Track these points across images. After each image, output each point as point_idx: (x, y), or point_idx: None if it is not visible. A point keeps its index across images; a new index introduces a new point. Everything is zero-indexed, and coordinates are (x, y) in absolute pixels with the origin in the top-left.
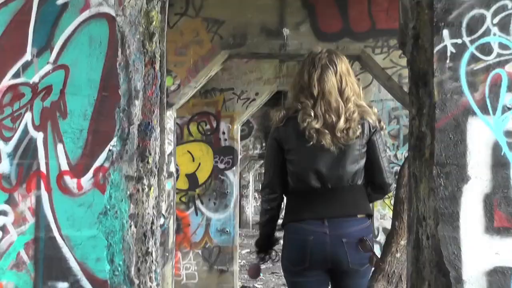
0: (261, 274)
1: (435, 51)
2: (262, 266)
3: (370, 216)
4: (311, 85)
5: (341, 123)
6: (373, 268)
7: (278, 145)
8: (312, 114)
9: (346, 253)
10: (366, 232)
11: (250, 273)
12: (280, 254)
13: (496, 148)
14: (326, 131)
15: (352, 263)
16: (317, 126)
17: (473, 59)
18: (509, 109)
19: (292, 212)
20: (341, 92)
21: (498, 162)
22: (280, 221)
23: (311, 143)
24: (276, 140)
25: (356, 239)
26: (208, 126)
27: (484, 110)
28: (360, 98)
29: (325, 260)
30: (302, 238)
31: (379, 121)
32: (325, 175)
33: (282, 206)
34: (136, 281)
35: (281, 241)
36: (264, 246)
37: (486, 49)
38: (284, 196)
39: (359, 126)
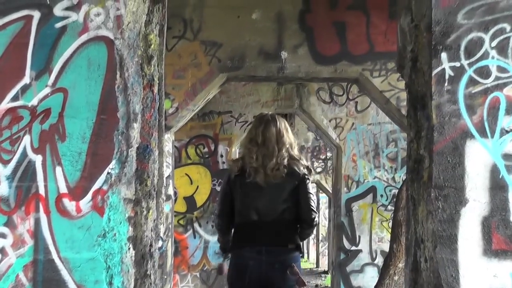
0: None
1: (433, 74)
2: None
3: (298, 246)
4: (257, 136)
5: (272, 163)
6: None
7: (229, 190)
8: (254, 156)
9: (278, 277)
10: (295, 260)
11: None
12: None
13: (494, 171)
14: (261, 170)
15: (283, 285)
16: (255, 165)
17: (471, 82)
18: (507, 132)
19: (237, 241)
20: (278, 141)
21: (496, 185)
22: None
23: (250, 180)
24: (229, 186)
25: (286, 265)
26: (206, 149)
27: (482, 133)
28: (293, 148)
29: (261, 282)
30: (243, 263)
31: (307, 167)
32: (261, 211)
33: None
34: None
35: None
36: (225, 249)
37: (484, 72)
38: (230, 224)
39: (285, 171)
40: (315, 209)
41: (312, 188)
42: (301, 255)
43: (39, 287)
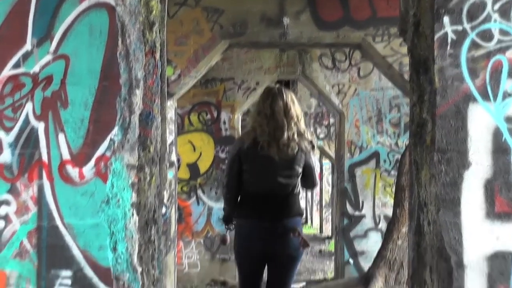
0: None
1: (435, 38)
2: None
3: (300, 214)
4: (265, 108)
5: (284, 138)
6: (302, 253)
7: (238, 158)
8: (266, 130)
9: (283, 241)
10: (297, 224)
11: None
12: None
13: (497, 134)
14: (274, 143)
15: (287, 248)
16: (267, 138)
17: (474, 45)
18: (510, 95)
19: (243, 210)
20: (286, 114)
21: (499, 148)
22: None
23: (262, 153)
24: (237, 155)
25: (289, 229)
26: (208, 116)
27: (485, 97)
28: (300, 121)
29: (266, 248)
30: (248, 231)
31: (311, 143)
32: (271, 184)
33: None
34: (139, 269)
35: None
36: (228, 220)
37: (487, 36)
38: (238, 194)
39: (296, 148)
40: (317, 179)
41: (314, 157)
42: (302, 218)
43: (43, 254)
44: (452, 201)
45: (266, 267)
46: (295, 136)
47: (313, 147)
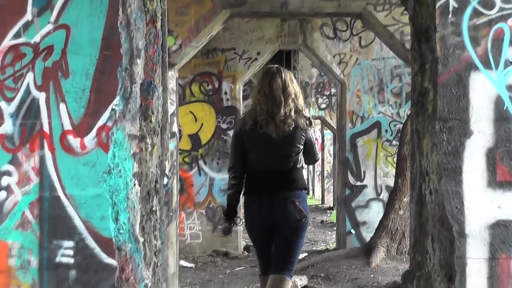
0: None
1: (437, 6)
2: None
3: (304, 188)
4: (264, 87)
5: (280, 114)
6: (307, 224)
7: (240, 139)
8: (264, 108)
9: (286, 213)
10: (297, 197)
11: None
12: (242, 220)
13: (499, 102)
14: (271, 121)
15: (289, 219)
16: (265, 116)
17: (476, 13)
18: (511, 63)
19: (250, 187)
20: (283, 91)
21: (500, 116)
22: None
23: (262, 131)
24: (238, 135)
25: (290, 200)
26: (210, 86)
27: (487, 65)
28: (298, 98)
29: (272, 220)
30: (255, 206)
31: (309, 119)
32: (273, 161)
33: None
34: (141, 239)
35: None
36: (230, 215)
37: (488, 3)
38: (243, 175)
39: (293, 124)
40: (318, 155)
41: (313, 133)
42: (306, 192)
43: (45, 224)
44: (454, 170)
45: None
46: (292, 112)
47: (310, 123)
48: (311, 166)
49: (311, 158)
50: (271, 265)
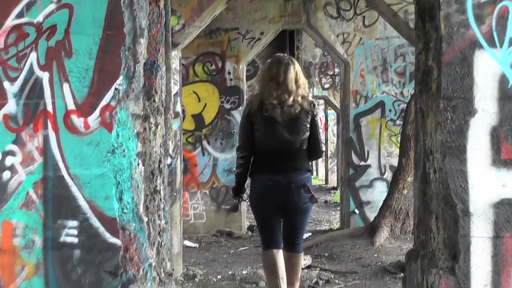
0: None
1: None
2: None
3: (309, 171)
4: (278, 76)
5: (290, 101)
6: (313, 206)
7: (249, 119)
8: (274, 94)
9: (294, 194)
10: (307, 180)
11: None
12: (248, 197)
13: (503, 81)
14: (278, 106)
15: (298, 201)
16: (274, 102)
17: None
18: None
19: (258, 166)
20: (296, 81)
21: (505, 95)
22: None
23: (267, 114)
24: (248, 115)
25: (300, 185)
26: (213, 67)
27: (491, 43)
28: (305, 88)
29: (279, 199)
30: (263, 185)
31: (312, 103)
32: (280, 142)
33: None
34: (145, 219)
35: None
36: (238, 192)
37: None
38: (251, 154)
39: (299, 108)
40: (322, 145)
41: (318, 118)
42: (311, 175)
43: (49, 204)
44: (458, 149)
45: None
46: (299, 98)
47: (314, 105)
48: None
49: (313, 145)
50: (273, 240)
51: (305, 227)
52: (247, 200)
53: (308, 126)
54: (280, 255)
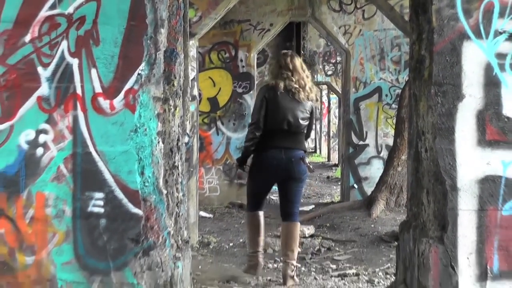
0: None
1: None
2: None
3: (305, 151)
4: (288, 64)
5: (307, 86)
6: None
7: (266, 101)
8: (293, 79)
9: (294, 167)
10: (304, 155)
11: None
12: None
13: (489, 69)
14: (300, 89)
15: (297, 172)
16: (296, 85)
17: None
18: (500, 33)
19: (264, 143)
20: (303, 69)
21: (490, 81)
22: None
23: (289, 96)
24: (265, 97)
25: (298, 158)
26: (227, 55)
27: (478, 35)
28: (310, 79)
29: (281, 171)
30: (268, 160)
31: (316, 95)
32: (290, 123)
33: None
34: (164, 191)
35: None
36: (243, 162)
37: None
38: (262, 131)
39: (312, 97)
40: (311, 134)
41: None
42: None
43: (78, 178)
44: (447, 130)
45: (276, 187)
46: (312, 88)
47: (317, 100)
48: (318, 127)
49: (309, 132)
50: (260, 205)
51: (300, 199)
52: (246, 170)
53: (309, 113)
54: (262, 217)
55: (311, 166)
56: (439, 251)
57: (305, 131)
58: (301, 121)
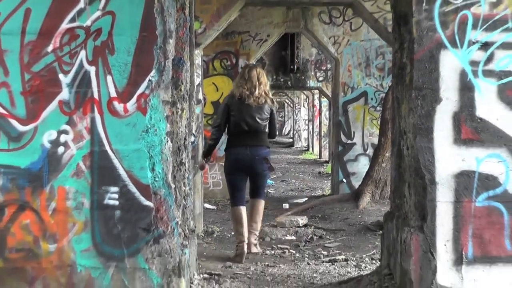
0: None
1: None
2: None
3: (268, 147)
4: (244, 75)
5: (256, 93)
6: (270, 173)
7: (228, 107)
8: (245, 87)
9: (257, 164)
10: (267, 154)
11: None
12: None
13: (463, 75)
14: (251, 95)
15: (260, 169)
16: (247, 92)
17: (445, 2)
18: (474, 43)
19: (231, 142)
20: (258, 79)
21: (464, 86)
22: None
23: (245, 102)
24: (227, 104)
25: (262, 157)
26: (229, 62)
27: (454, 44)
28: (266, 86)
29: (247, 167)
30: (235, 156)
31: (272, 99)
32: (249, 124)
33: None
34: (173, 185)
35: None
36: (207, 155)
37: None
38: (223, 133)
39: (264, 100)
40: (277, 130)
41: (277, 115)
42: (269, 150)
43: (95, 173)
44: (426, 130)
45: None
46: (263, 93)
47: (273, 101)
48: (311, 128)
49: (272, 130)
50: (240, 199)
51: (265, 185)
52: (211, 162)
53: (268, 116)
54: (244, 211)
55: (272, 166)
56: (419, 239)
57: (267, 131)
58: (259, 121)
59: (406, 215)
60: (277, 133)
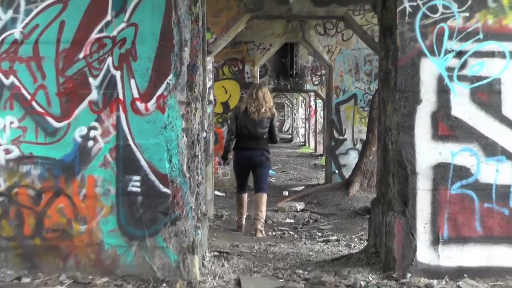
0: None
1: (397, 11)
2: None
3: (268, 151)
4: (252, 94)
5: (262, 110)
6: (271, 167)
7: (236, 116)
8: (253, 105)
9: (262, 161)
10: (268, 154)
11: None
12: (231, 163)
13: (440, 79)
14: (256, 112)
15: (262, 163)
16: (254, 109)
17: (425, 16)
18: (449, 51)
19: (238, 145)
20: (264, 98)
21: (441, 89)
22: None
23: (250, 116)
24: (236, 114)
25: (264, 157)
26: (236, 68)
27: (432, 52)
28: (271, 101)
29: (252, 163)
30: (242, 156)
31: (274, 113)
32: (252, 132)
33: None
34: (187, 175)
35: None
36: (224, 158)
37: (433, 9)
38: (235, 137)
39: (267, 114)
40: (277, 135)
41: (277, 123)
42: (267, 152)
43: (120, 164)
44: (408, 127)
45: (251, 174)
46: (267, 109)
47: (274, 114)
48: (307, 125)
49: (272, 137)
50: (244, 188)
51: (267, 179)
52: (228, 164)
53: (268, 124)
54: (246, 197)
55: (270, 161)
56: (402, 222)
57: (267, 137)
58: (259, 130)
59: (390, 201)
60: (278, 139)
